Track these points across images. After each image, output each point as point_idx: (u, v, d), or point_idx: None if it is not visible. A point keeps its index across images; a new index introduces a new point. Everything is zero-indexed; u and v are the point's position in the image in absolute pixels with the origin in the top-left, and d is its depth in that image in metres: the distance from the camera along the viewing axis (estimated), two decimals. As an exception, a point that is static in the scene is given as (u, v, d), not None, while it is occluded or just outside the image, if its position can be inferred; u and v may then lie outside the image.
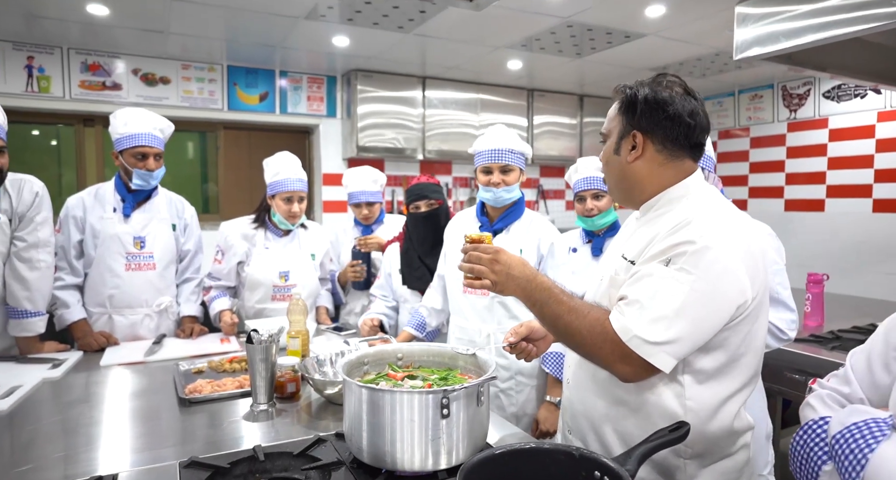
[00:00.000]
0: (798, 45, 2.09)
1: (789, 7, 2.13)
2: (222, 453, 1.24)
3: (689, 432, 0.97)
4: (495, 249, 1.14)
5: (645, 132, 1.11)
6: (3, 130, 1.94)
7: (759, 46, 2.16)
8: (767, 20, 2.18)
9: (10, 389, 1.68)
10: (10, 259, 2.04)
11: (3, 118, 1.95)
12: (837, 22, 1.99)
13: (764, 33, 2.16)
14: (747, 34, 2.19)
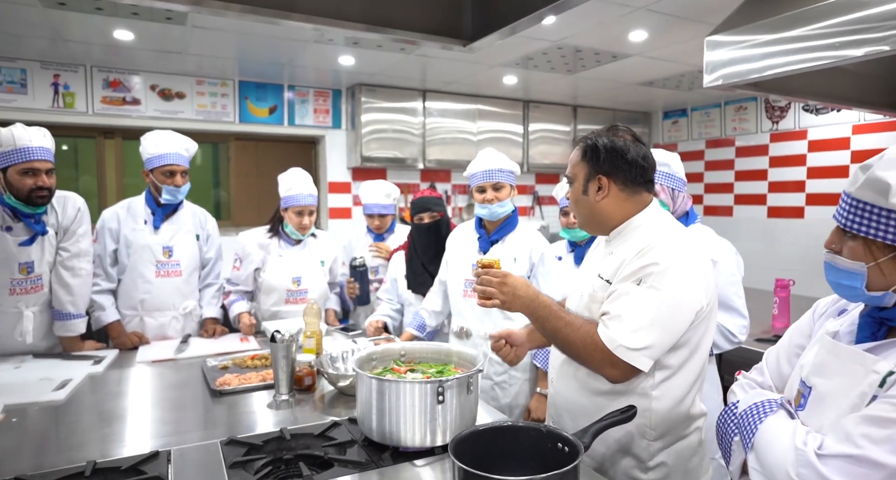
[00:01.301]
0: (762, 76, 2.31)
1: (755, 37, 2.33)
2: (254, 434, 1.49)
3: (636, 413, 1.21)
4: (503, 273, 1.37)
5: (608, 175, 1.34)
6: (51, 153, 2.19)
7: (726, 76, 2.39)
8: (735, 49, 2.37)
9: (62, 382, 1.92)
10: (55, 267, 2.29)
11: (51, 143, 2.20)
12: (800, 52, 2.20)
13: (731, 63, 2.37)
14: (715, 64, 2.41)
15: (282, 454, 1.38)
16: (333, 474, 1.28)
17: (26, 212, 2.19)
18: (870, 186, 0.89)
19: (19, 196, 2.14)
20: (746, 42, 2.36)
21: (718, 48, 2.42)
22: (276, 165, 4.60)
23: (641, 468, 1.29)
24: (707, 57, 2.43)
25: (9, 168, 2.13)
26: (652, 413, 1.26)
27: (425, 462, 1.34)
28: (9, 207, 2.16)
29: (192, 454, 1.38)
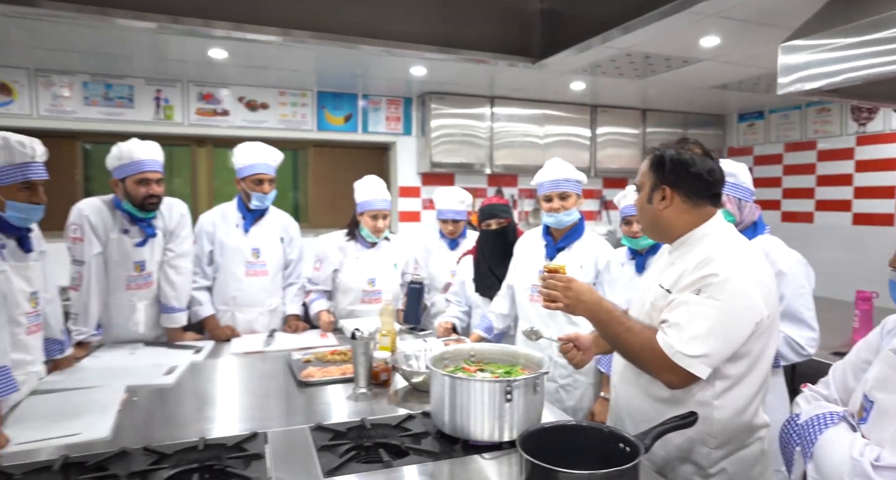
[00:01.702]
0: (840, 82, 2.25)
1: (834, 41, 2.27)
2: (338, 422, 1.64)
3: (696, 420, 1.26)
4: (568, 278, 1.46)
5: (672, 186, 1.40)
6: (160, 165, 2.46)
7: (802, 82, 2.34)
8: (812, 53, 2.31)
9: (170, 368, 2.17)
10: (162, 266, 2.57)
11: (161, 155, 2.47)
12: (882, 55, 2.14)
13: (807, 69, 2.33)
14: (791, 70, 2.37)
15: (362, 441, 1.52)
16: (409, 462, 1.41)
17: (140, 217, 2.47)
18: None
19: (134, 203, 2.42)
20: (825, 46, 2.30)
21: (794, 54, 2.38)
22: (350, 171, 4.87)
23: (702, 474, 1.34)
24: (782, 63, 2.39)
25: (127, 178, 2.41)
26: (713, 422, 1.31)
27: (493, 455, 1.44)
28: (126, 212, 2.45)
29: (285, 436, 1.55)
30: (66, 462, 1.36)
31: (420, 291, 2.76)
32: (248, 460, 1.40)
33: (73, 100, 4.00)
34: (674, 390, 1.32)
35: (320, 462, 1.39)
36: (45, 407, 1.76)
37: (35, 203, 1.79)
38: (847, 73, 2.22)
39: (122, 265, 2.46)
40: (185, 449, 1.44)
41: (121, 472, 1.31)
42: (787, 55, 2.38)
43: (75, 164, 4.23)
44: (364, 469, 1.36)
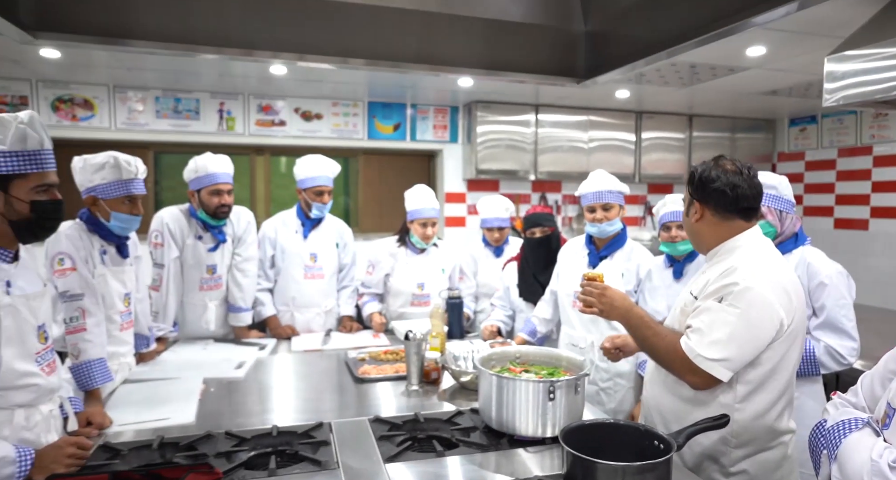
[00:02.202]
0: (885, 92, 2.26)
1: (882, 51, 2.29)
2: (393, 415, 1.79)
3: (728, 422, 1.35)
4: (603, 286, 1.59)
5: (701, 201, 1.50)
6: (231, 177, 2.69)
7: (847, 94, 2.36)
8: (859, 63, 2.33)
9: (239, 363, 2.38)
10: (231, 269, 2.80)
11: (231, 168, 2.70)
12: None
13: (853, 80, 2.35)
14: (837, 80, 2.39)
15: (416, 433, 1.67)
16: (459, 453, 1.54)
17: (212, 224, 2.71)
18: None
19: (207, 211, 2.66)
20: (873, 56, 2.31)
21: (840, 64, 2.40)
22: (399, 177, 5.07)
23: (724, 473, 1.43)
24: (828, 73, 2.41)
25: (202, 190, 2.65)
26: (734, 423, 1.40)
27: (536, 449, 1.56)
28: (200, 220, 2.69)
29: (347, 426, 1.72)
30: (162, 441, 1.56)
31: (459, 305, 2.81)
32: (316, 446, 1.56)
33: (146, 113, 4.33)
34: (698, 390, 1.41)
35: (380, 449, 1.54)
36: (137, 395, 1.98)
37: (135, 215, 2.03)
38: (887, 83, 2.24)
39: (196, 268, 2.70)
40: (261, 435, 1.62)
41: (209, 452, 1.50)
42: (833, 65, 2.40)
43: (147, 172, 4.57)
44: (419, 458, 1.51)
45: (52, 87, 4.12)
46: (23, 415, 1.40)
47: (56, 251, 1.83)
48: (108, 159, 1.99)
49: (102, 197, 1.97)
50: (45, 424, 1.47)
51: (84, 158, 2.01)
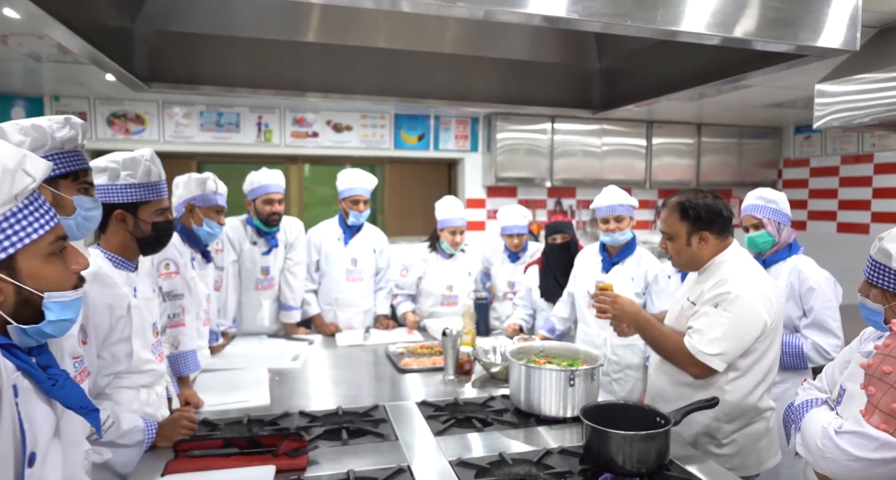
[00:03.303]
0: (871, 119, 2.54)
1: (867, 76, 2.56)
2: (435, 399, 2.11)
3: (717, 403, 1.65)
4: (615, 294, 1.89)
5: (707, 229, 1.79)
6: (282, 188, 3.03)
7: (836, 118, 2.64)
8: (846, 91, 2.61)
9: (294, 355, 2.72)
10: (283, 271, 3.14)
11: (283, 180, 3.04)
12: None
13: (840, 107, 2.62)
14: (826, 108, 2.67)
15: (457, 414, 1.99)
16: (494, 429, 1.86)
17: (265, 230, 3.05)
18: (880, 253, 1.29)
19: (261, 218, 3.01)
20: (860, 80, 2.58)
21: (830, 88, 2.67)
22: (422, 184, 5.40)
23: (717, 444, 1.74)
24: (818, 101, 2.69)
25: (256, 199, 3.00)
26: (724, 403, 1.70)
27: (559, 427, 1.88)
28: (255, 227, 3.04)
29: (398, 408, 2.04)
30: (249, 418, 1.90)
31: (486, 305, 3.16)
32: (376, 422, 1.89)
33: (191, 127, 4.69)
34: (698, 379, 1.72)
35: (430, 426, 1.86)
36: (215, 382, 2.32)
37: (220, 223, 2.40)
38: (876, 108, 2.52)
39: (251, 271, 3.05)
40: (329, 414, 1.95)
41: (290, 426, 1.84)
42: (823, 88, 2.67)
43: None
44: (463, 432, 1.83)
45: (107, 103, 4.50)
46: (145, 394, 1.74)
47: (163, 257, 2.16)
48: (207, 176, 2.43)
49: (200, 205, 2.35)
50: (159, 402, 1.81)
51: (189, 175, 2.44)
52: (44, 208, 0.92)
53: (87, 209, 1.35)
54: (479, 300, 3.12)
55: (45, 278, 0.90)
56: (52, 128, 1.29)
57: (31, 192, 0.89)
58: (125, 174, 1.67)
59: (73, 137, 1.34)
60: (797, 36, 1.23)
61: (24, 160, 0.88)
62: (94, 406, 0.98)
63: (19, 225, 0.87)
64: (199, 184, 2.44)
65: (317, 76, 2.08)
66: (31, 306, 0.90)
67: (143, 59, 1.84)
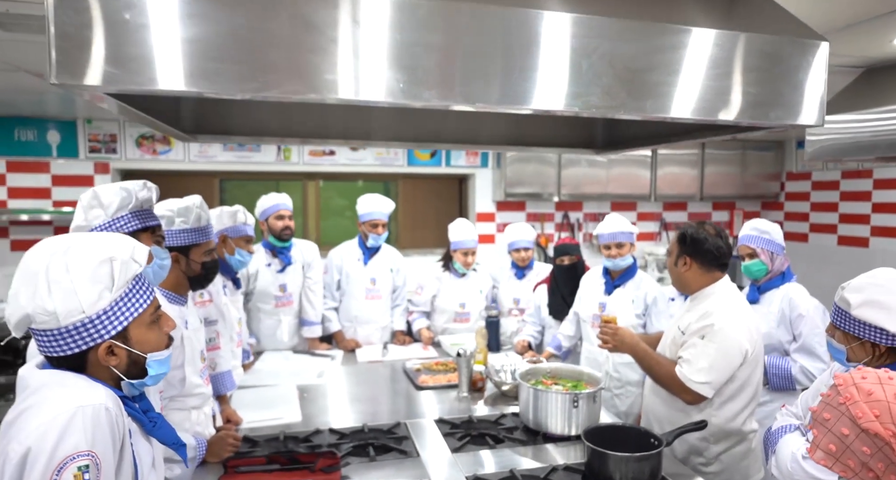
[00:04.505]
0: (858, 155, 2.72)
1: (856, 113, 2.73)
2: (451, 417, 2.32)
3: (706, 425, 1.85)
4: (616, 327, 2.10)
5: (691, 256, 1.99)
6: (290, 206, 3.27)
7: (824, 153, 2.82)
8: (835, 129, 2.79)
9: (318, 372, 2.93)
10: (303, 289, 3.37)
11: (290, 201, 3.28)
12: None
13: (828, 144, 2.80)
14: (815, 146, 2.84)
15: (471, 431, 2.19)
16: (505, 446, 2.06)
17: (278, 246, 3.28)
18: (842, 300, 1.48)
19: (274, 234, 3.24)
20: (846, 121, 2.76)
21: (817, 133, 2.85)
22: (434, 199, 5.61)
23: (705, 463, 1.93)
24: (808, 139, 2.87)
25: (269, 217, 3.23)
26: (711, 426, 1.89)
27: (564, 444, 2.08)
28: (268, 247, 3.27)
29: (418, 426, 2.25)
30: (285, 435, 2.11)
31: (497, 323, 3.36)
32: (399, 439, 2.10)
33: (214, 147, 4.92)
34: (689, 405, 1.91)
35: (447, 442, 2.07)
36: (249, 398, 2.54)
37: (250, 252, 2.62)
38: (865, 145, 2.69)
39: (269, 288, 3.28)
40: (357, 431, 2.17)
41: (322, 443, 2.05)
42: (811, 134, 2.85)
43: (214, 197, 5.18)
44: (477, 449, 2.03)
45: (136, 126, 4.74)
46: (195, 415, 1.96)
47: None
48: (237, 209, 2.67)
49: (232, 236, 2.57)
50: (206, 421, 2.03)
51: (221, 209, 2.66)
52: (145, 286, 1.13)
53: (162, 259, 1.58)
54: (489, 318, 3.32)
55: (148, 342, 1.12)
56: (135, 190, 1.53)
57: (138, 275, 1.11)
58: (179, 221, 1.89)
59: (149, 197, 1.57)
60: (768, 116, 1.42)
61: (134, 250, 1.09)
62: (183, 442, 1.19)
63: (130, 303, 1.08)
64: (230, 216, 2.66)
65: (338, 126, 2.27)
66: (138, 365, 1.11)
67: (188, 117, 2.05)
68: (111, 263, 1.06)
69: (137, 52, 1.03)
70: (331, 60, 1.12)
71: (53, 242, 1.07)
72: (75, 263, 1.03)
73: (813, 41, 1.42)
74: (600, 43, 1.26)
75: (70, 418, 0.96)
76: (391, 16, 1.14)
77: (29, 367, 1.07)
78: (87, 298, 1.03)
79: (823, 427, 0.97)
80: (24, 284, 1.02)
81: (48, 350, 1.05)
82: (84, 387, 1.03)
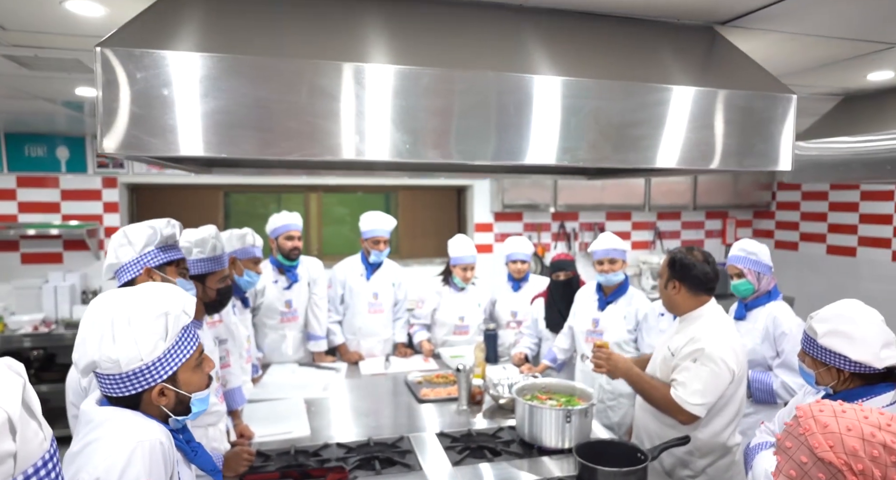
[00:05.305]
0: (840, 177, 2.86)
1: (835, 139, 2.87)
2: (451, 430, 2.45)
3: (689, 440, 1.98)
4: (608, 352, 2.23)
5: (679, 280, 2.12)
6: (300, 227, 3.39)
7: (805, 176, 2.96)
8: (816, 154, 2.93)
9: (324, 385, 3.06)
10: (309, 304, 3.50)
11: (300, 221, 3.40)
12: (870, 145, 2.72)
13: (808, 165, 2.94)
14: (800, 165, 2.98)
15: (470, 444, 2.32)
16: (503, 459, 2.19)
17: (286, 265, 3.41)
18: (810, 329, 1.62)
19: (282, 253, 3.37)
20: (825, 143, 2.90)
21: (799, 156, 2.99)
22: (434, 209, 5.74)
23: (692, 475, 2.06)
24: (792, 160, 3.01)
25: (279, 237, 3.36)
26: (696, 440, 2.03)
27: (557, 457, 2.21)
28: (276, 265, 3.40)
29: (421, 439, 2.38)
30: (296, 449, 2.24)
31: (494, 336, 3.48)
32: (403, 453, 2.23)
33: (219, 160, 5.05)
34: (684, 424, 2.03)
35: (448, 456, 2.20)
36: (259, 413, 2.66)
37: (258, 273, 2.74)
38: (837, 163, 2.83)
39: (275, 304, 3.41)
40: (362, 445, 2.30)
41: (331, 457, 2.18)
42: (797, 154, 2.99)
43: (218, 208, 5.30)
44: (476, 462, 2.16)
45: (143, 141, 4.86)
46: (211, 431, 2.09)
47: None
48: (246, 232, 2.80)
49: (241, 258, 2.70)
50: (221, 437, 2.17)
51: (230, 231, 2.79)
52: (191, 333, 1.27)
53: (187, 290, 1.71)
54: (488, 331, 3.45)
55: (193, 383, 1.25)
56: (160, 227, 1.66)
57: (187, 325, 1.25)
58: (196, 251, 2.02)
59: (173, 233, 1.70)
60: (742, 163, 1.55)
61: (185, 304, 1.23)
62: (219, 468, 1.33)
63: (179, 350, 1.22)
64: (239, 239, 2.78)
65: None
66: (183, 403, 1.25)
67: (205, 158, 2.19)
68: (166, 317, 1.20)
69: (174, 123, 1.16)
70: (342, 125, 1.25)
71: (117, 295, 1.21)
72: (136, 317, 1.17)
73: (782, 95, 1.56)
74: (586, 102, 1.40)
75: (132, 452, 1.10)
76: (395, 84, 1.27)
77: (90, 403, 1.20)
78: (145, 348, 1.16)
79: (786, 455, 1.10)
80: (90, 333, 1.16)
81: (109, 391, 1.19)
82: (141, 424, 1.17)
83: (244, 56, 1.19)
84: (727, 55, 1.62)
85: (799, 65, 2.20)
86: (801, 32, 1.84)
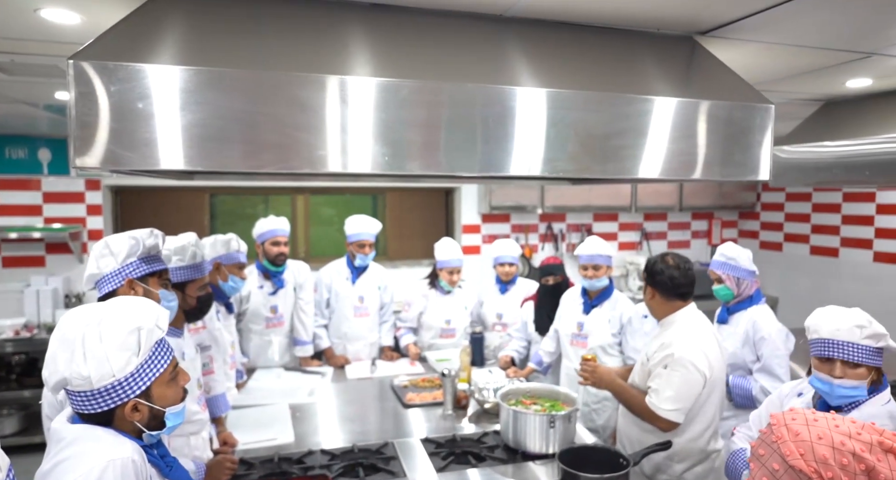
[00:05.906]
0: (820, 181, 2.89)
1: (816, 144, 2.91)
2: (436, 436, 2.45)
3: (670, 446, 2.00)
4: (594, 365, 2.26)
5: (651, 286, 2.14)
6: (287, 232, 3.38)
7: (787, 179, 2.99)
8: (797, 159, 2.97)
9: (310, 390, 3.05)
10: (295, 309, 3.48)
11: (287, 226, 3.38)
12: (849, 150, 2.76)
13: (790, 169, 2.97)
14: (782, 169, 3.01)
15: (455, 449, 2.33)
16: (487, 465, 2.20)
17: (272, 270, 3.39)
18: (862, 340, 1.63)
19: (268, 259, 3.35)
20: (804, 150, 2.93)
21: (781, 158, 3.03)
22: (421, 211, 5.73)
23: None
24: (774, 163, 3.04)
25: (265, 242, 3.34)
26: (675, 445, 2.05)
27: (542, 462, 2.22)
28: (262, 270, 3.38)
29: (405, 445, 2.38)
30: (279, 457, 2.23)
31: (481, 340, 3.50)
32: (387, 460, 2.23)
33: (205, 162, 5.01)
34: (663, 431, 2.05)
35: (432, 462, 2.20)
36: (244, 419, 2.65)
37: (242, 278, 2.73)
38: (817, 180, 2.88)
39: (261, 310, 3.39)
40: (347, 451, 2.29)
41: (315, 464, 2.17)
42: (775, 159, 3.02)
43: (204, 209, 5.26)
44: (460, 468, 2.17)
45: (127, 143, 4.80)
46: (193, 440, 2.08)
47: (190, 315, 2.49)
48: (231, 238, 2.77)
49: (225, 263, 2.68)
50: (204, 446, 2.15)
51: (215, 237, 2.76)
52: (165, 347, 1.25)
53: (169, 301, 1.70)
54: (474, 334, 3.46)
55: (167, 398, 1.24)
56: (142, 238, 1.65)
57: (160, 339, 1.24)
58: (176, 259, 2.00)
59: (156, 244, 1.69)
60: (721, 173, 1.57)
61: (158, 318, 1.22)
62: (197, 481, 1.32)
63: (153, 365, 1.20)
64: (224, 244, 2.77)
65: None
66: (157, 418, 1.23)
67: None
68: (139, 332, 1.19)
69: (151, 137, 1.15)
70: (322, 138, 1.25)
71: (87, 311, 1.20)
72: (108, 333, 1.16)
73: (761, 105, 1.57)
74: (567, 113, 1.40)
75: (102, 470, 1.09)
76: (375, 96, 1.26)
77: (61, 420, 1.19)
78: (117, 364, 1.15)
79: (759, 462, 1.12)
80: (61, 350, 1.14)
81: (81, 408, 1.17)
82: (112, 442, 1.15)
83: (223, 69, 1.18)
84: (707, 65, 1.64)
85: (779, 73, 2.23)
86: (781, 42, 1.86)
